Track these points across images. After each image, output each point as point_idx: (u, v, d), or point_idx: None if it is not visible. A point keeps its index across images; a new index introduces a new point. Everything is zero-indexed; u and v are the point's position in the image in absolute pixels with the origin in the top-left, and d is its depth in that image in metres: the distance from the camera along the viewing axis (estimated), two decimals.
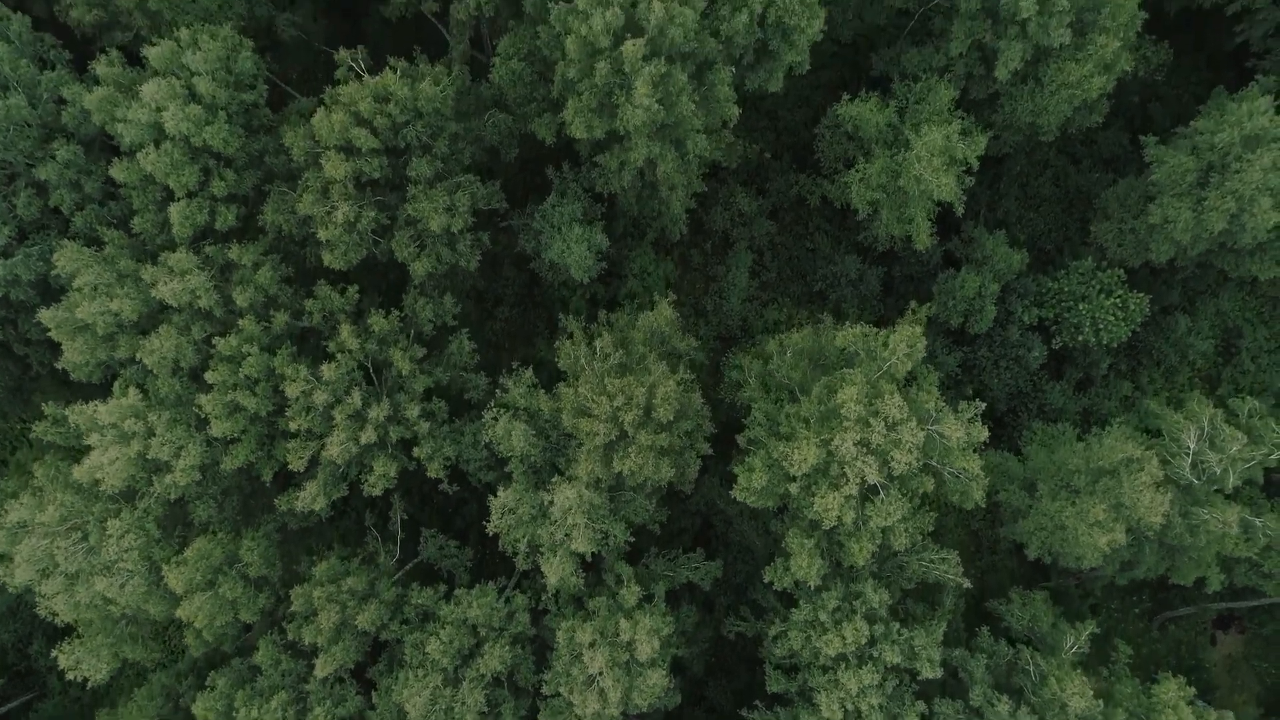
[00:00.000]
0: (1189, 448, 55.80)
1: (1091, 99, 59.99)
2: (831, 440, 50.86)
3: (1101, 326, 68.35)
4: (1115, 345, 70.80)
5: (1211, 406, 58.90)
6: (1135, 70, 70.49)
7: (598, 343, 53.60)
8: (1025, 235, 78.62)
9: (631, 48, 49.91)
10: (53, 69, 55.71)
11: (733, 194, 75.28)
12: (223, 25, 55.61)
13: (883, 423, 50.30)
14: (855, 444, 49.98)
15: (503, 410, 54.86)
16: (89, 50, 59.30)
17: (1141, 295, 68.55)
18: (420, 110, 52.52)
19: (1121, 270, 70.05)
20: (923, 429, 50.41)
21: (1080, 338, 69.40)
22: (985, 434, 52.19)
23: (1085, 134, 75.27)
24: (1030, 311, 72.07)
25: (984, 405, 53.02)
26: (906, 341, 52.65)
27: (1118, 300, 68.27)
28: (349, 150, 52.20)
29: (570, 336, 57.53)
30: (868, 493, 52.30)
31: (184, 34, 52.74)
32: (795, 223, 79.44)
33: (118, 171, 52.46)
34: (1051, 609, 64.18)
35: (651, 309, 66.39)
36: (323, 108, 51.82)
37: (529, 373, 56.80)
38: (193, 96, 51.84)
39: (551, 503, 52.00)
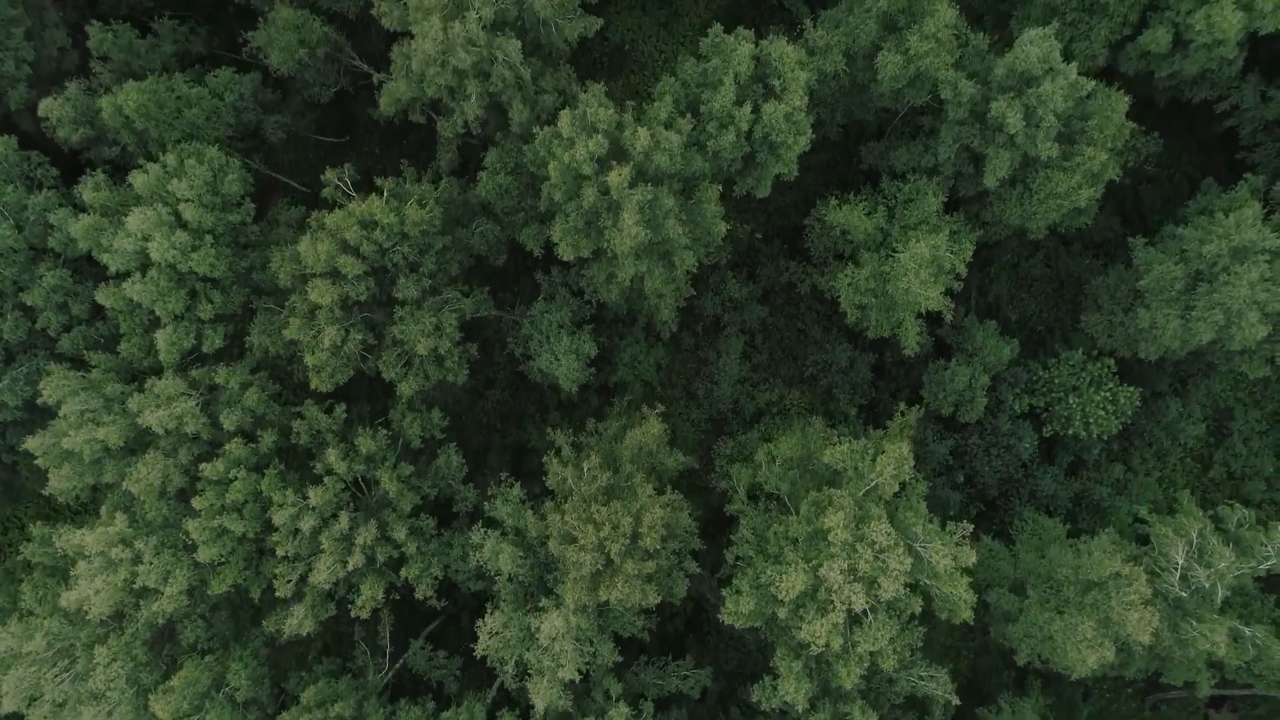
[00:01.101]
0: (1177, 563, 55.75)
1: (1080, 207, 59.93)
2: (819, 567, 50.87)
3: (1092, 420, 68.31)
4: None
5: (1201, 513, 58.91)
6: (1125, 161, 70.48)
7: (585, 464, 53.55)
8: (1017, 315, 78.63)
9: (617, 177, 49.96)
10: (40, 188, 55.70)
11: (723, 280, 75.19)
12: (209, 144, 55.59)
13: (870, 549, 50.33)
14: (843, 572, 49.96)
15: (490, 530, 54.82)
16: (77, 161, 59.33)
17: (1132, 390, 68.51)
18: (407, 233, 52.50)
19: (1112, 360, 70.07)
20: (909, 556, 50.35)
21: (1070, 430, 69.36)
22: (973, 557, 52.10)
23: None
24: (1021, 400, 72.08)
25: (970, 527, 52.94)
26: (894, 463, 52.63)
27: (1108, 394, 68.22)
28: (336, 275, 52.18)
29: (558, 452, 57.49)
30: (857, 616, 52.28)
31: (170, 158, 52.78)
32: (787, 304, 79.38)
33: (104, 297, 52.45)
34: (1042, 705, 64.21)
35: (640, 409, 66.51)
36: (309, 234, 51.77)
37: (516, 489, 56.75)
38: (179, 222, 51.82)
39: (539, 628, 51.96)
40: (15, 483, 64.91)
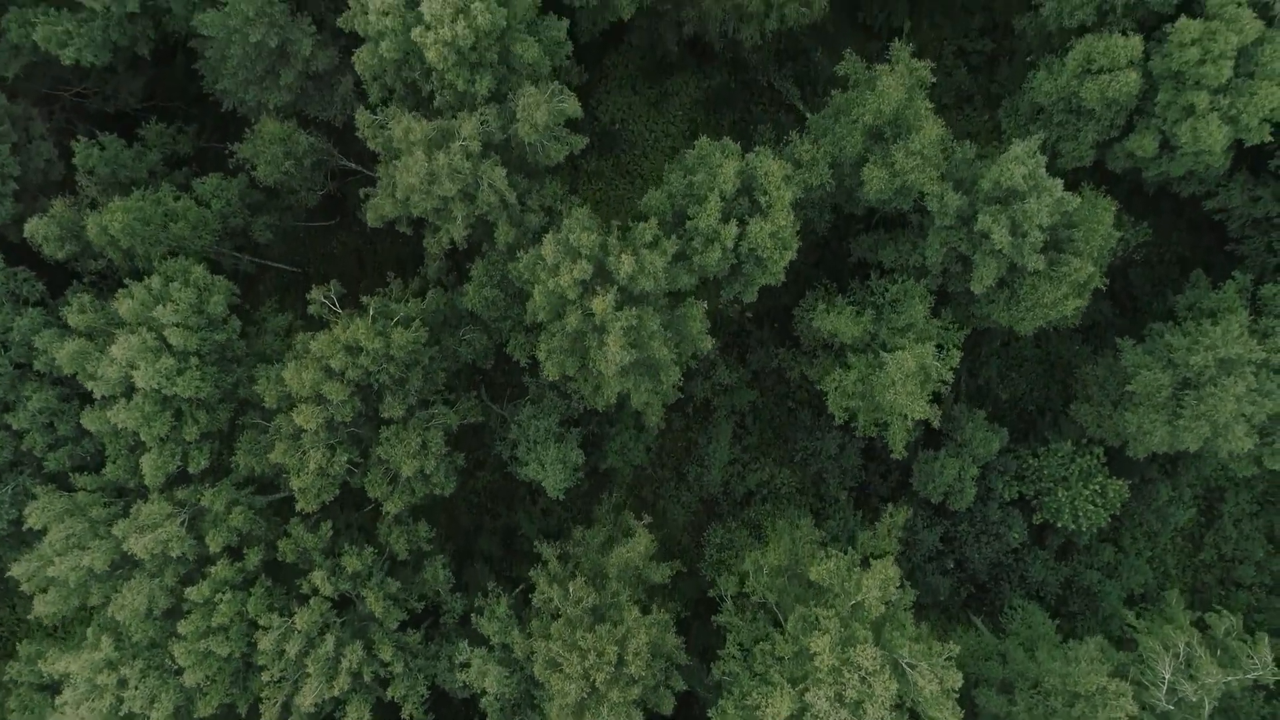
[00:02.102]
0: (1164, 677, 55.75)
1: (1067, 315, 59.95)
2: (805, 691, 50.87)
3: (1081, 514, 68.31)
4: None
5: (1188, 622, 58.93)
6: (1114, 251, 70.53)
7: (571, 585, 53.53)
8: (1008, 395, 78.65)
9: (601, 304, 49.96)
10: (27, 305, 55.71)
11: (714, 365, 75.22)
12: (195, 259, 55.62)
13: (856, 673, 50.34)
14: (829, 699, 49.97)
15: (476, 649, 54.82)
16: (64, 268, 59.32)
17: (1120, 483, 68.54)
18: (393, 355, 52.48)
19: (1101, 449, 70.10)
20: (895, 680, 50.35)
21: (1060, 523, 69.37)
22: (959, 680, 52.06)
23: None
24: (1011, 488, 72.11)
25: (958, 649, 52.92)
26: (879, 583, 52.63)
27: (1097, 487, 68.22)
28: (321, 399, 52.15)
29: (545, 566, 57.49)
30: None
31: (155, 281, 52.77)
32: (777, 384, 79.39)
33: (89, 421, 52.46)
34: None
35: (627, 507, 66.53)
36: (294, 360, 51.75)
37: (503, 604, 56.72)
38: (164, 345, 51.80)
39: None
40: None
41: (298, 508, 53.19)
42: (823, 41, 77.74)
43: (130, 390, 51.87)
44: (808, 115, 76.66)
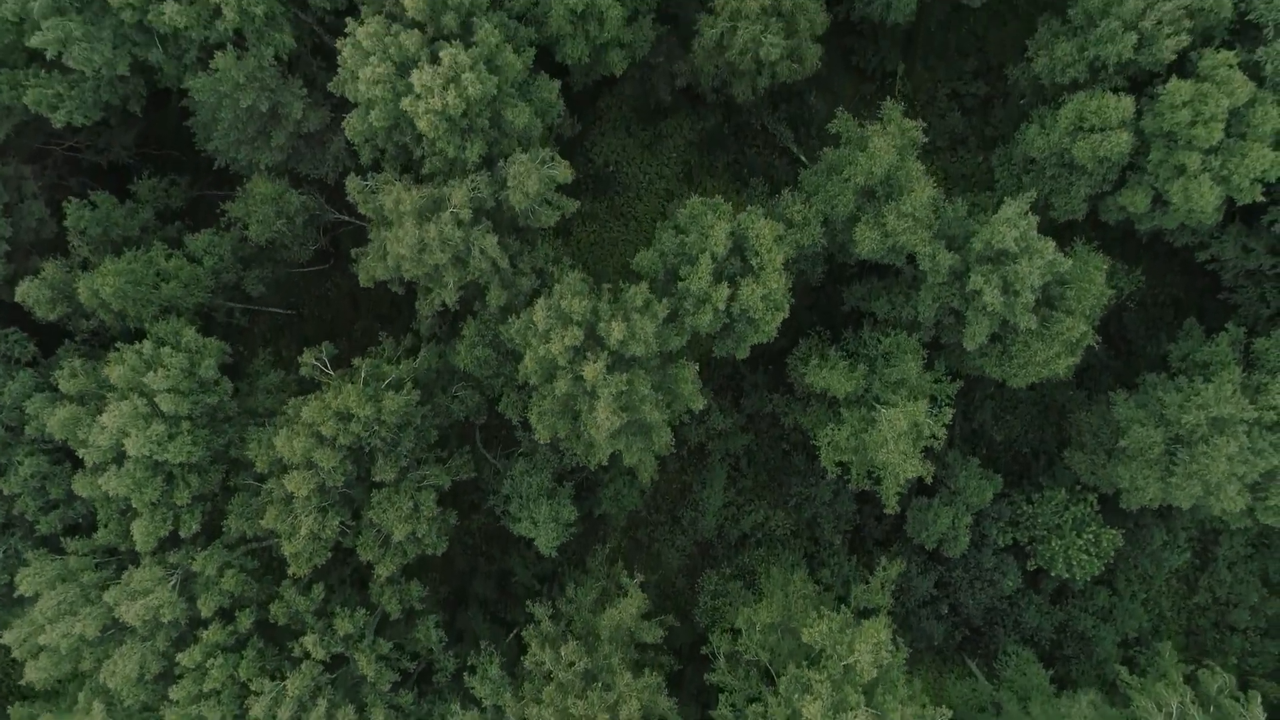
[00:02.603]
0: None
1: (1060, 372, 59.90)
2: None
3: (1075, 563, 68.30)
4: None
5: (1180, 680, 58.90)
6: (1109, 301, 70.51)
7: (563, 649, 53.51)
8: (1002, 437, 78.61)
9: (592, 370, 49.97)
10: (18, 366, 55.69)
11: (708, 409, 75.11)
12: (187, 320, 55.61)
13: None
14: None
15: (469, 711, 54.80)
16: (55, 329, 59.27)
17: (1114, 532, 68.55)
18: (384, 420, 52.46)
19: (1094, 497, 70.11)
20: None
21: (1053, 572, 69.37)
22: None
23: None
24: (1005, 534, 72.12)
25: (950, 714, 52.93)
26: (871, 647, 52.63)
27: (1090, 536, 68.21)
28: (313, 464, 52.13)
29: (537, 626, 57.48)
30: None
31: (146, 346, 52.74)
32: (772, 427, 79.33)
33: (80, 487, 52.45)
34: None
35: (620, 559, 66.49)
36: (285, 427, 51.73)
37: (495, 665, 56.69)
38: (155, 411, 51.77)
39: None
40: None
41: (290, 571, 53.12)
42: (816, 84, 77.59)
43: (121, 456, 51.82)
44: (802, 158, 77.02)
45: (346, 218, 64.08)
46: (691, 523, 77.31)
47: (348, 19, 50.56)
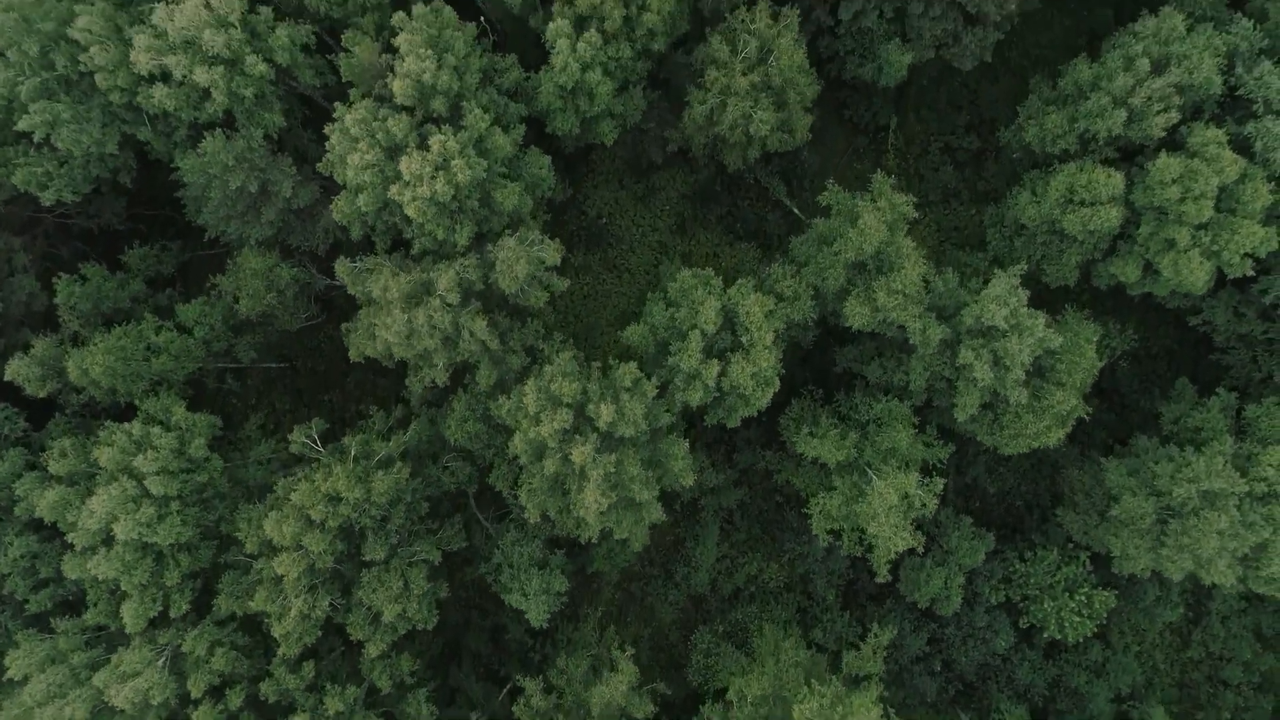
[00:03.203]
0: None
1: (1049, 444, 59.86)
2: None
3: (1067, 624, 68.24)
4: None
5: None
6: (1100, 356, 70.50)
7: None
8: (995, 489, 78.49)
9: (580, 453, 49.95)
10: (7, 442, 55.67)
11: (701, 467, 75.03)
12: (176, 399, 55.58)
13: None
14: None
15: None
16: (46, 401, 59.24)
17: (1107, 594, 68.47)
18: (374, 501, 52.44)
19: (1087, 556, 70.07)
20: None
21: (1046, 633, 69.32)
22: None
23: None
24: (998, 592, 72.04)
25: None
26: None
27: (1083, 597, 68.18)
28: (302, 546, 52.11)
29: (527, 701, 57.45)
30: None
31: (135, 428, 52.71)
32: (764, 479, 79.27)
33: (69, 568, 52.45)
34: None
35: (612, 627, 66.44)
36: (275, 510, 51.70)
37: None
38: (145, 492, 51.74)
39: None
40: None
41: (280, 652, 53.07)
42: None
43: (110, 538, 51.78)
44: (795, 210, 77.01)
45: (339, 281, 64.07)
46: (685, 578, 77.20)
47: (336, 103, 50.54)
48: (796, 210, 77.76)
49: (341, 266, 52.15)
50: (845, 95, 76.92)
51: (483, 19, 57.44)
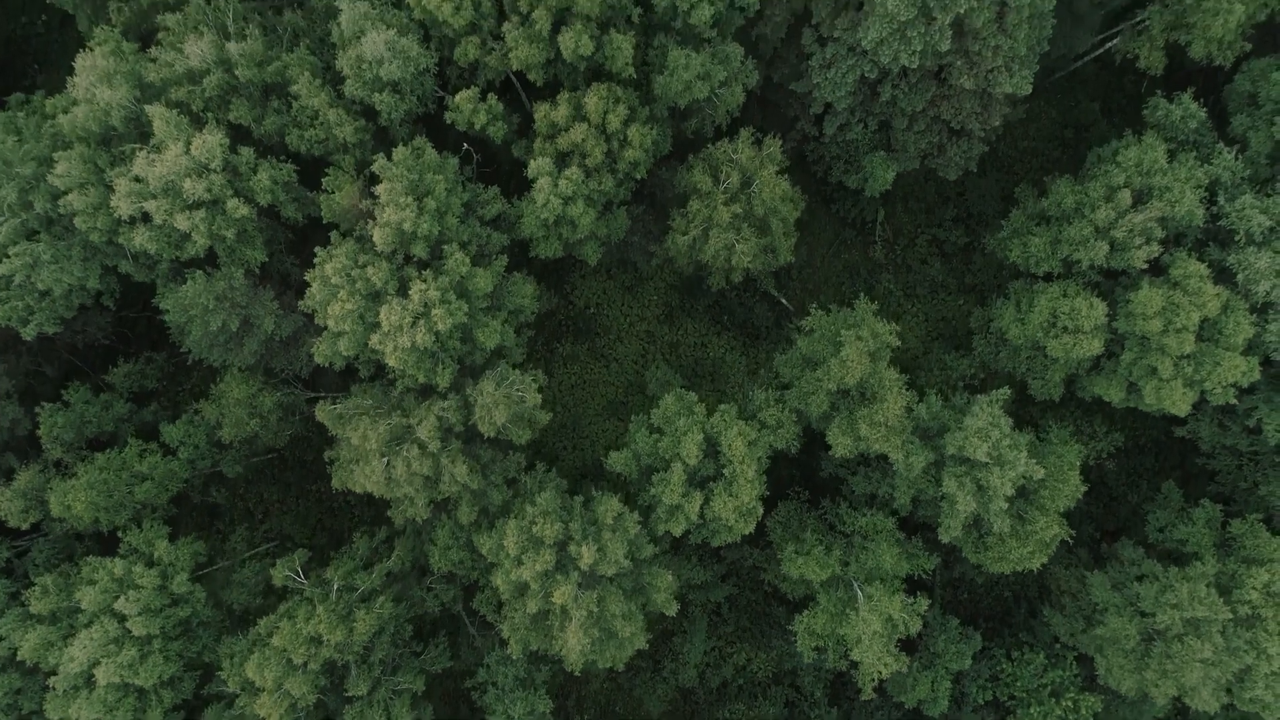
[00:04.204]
0: None
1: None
2: None
3: None
4: None
5: None
6: (1086, 459, 70.62)
7: None
8: (984, 580, 78.43)
9: (562, 595, 49.95)
10: None
11: (688, 563, 75.01)
12: (159, 531, 55.56)
13: None
14: None
15: None
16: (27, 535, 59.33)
17: (1093, 697, 68.35)
18: (356, 639, 52.40)
19: (1074, 657, 70.01)
20: None
21: None
22: None
23: None
24: (985, 691, 71.97)
25: None
26: None
27: (1069, 703, 68.11)
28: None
29: None
30: None
31: (118, 565, 52.69)
32: (753, 570, 79.21)
33: (52, 709, 52.36)
34: None
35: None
36: (258, 652, 51.67)
37: None
38: (127, 632, 51.71)
39: None
40: None
41: None
42: (797, 227, 77.74)
43: (93, 679, 51.73)
44: (782, 300, 76.94)
45: (323, 395, 64.09)
46: (673, 671, 77.17)
47: (317, 249, 50.53)
48: (784, 300, 77.77)
49: (322, 411, 52.16)
50: (832, 190, 76.96)
51: (466, 144, 57.49)
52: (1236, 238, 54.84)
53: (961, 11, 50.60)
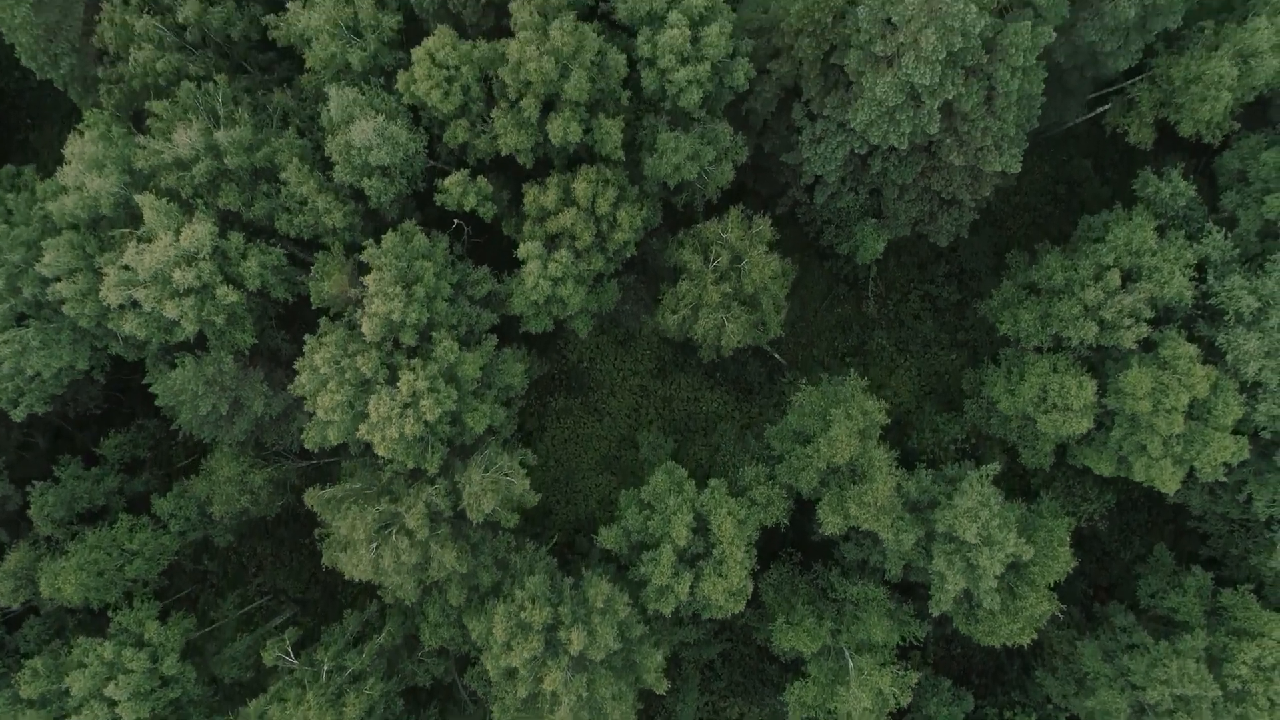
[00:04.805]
0: None
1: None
2: None
3: None
4: None
5: None
6: (1078, 521, 70.71)
7: None
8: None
9: (551, 681, 50.00)
10: None
11: (680, 627, 74.99)
12: (150, 611, 55.62)
13: None
14: None
15: None
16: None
17: None
18: (348, 715, 52.44)
19: (1065, 717, 70.08)
20: None
21: None
22: None
23: None
24: None
25: None
26: None
27: None
28: None
29: None
30: None
31: (108, 648, 52.73)
32: (746, 627, 79.22)
33: None
34: None
35: None
36: None
37: None
38: (116, 717, 51.76)
39: None
40: None
41: None
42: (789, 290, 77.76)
43: None
44: (775, 355, 76.92)
45: (315, 460, 64.12)
46: None
47: (306, 337, 50.56)
48: (777, 355, 77.78)
49: (311, 497, 52.21)
50: (825, 247, 76.96)
51: (456, 220, 57.50)
52: (1226, 317, 54.84)
53: (950, 97, 50.64)
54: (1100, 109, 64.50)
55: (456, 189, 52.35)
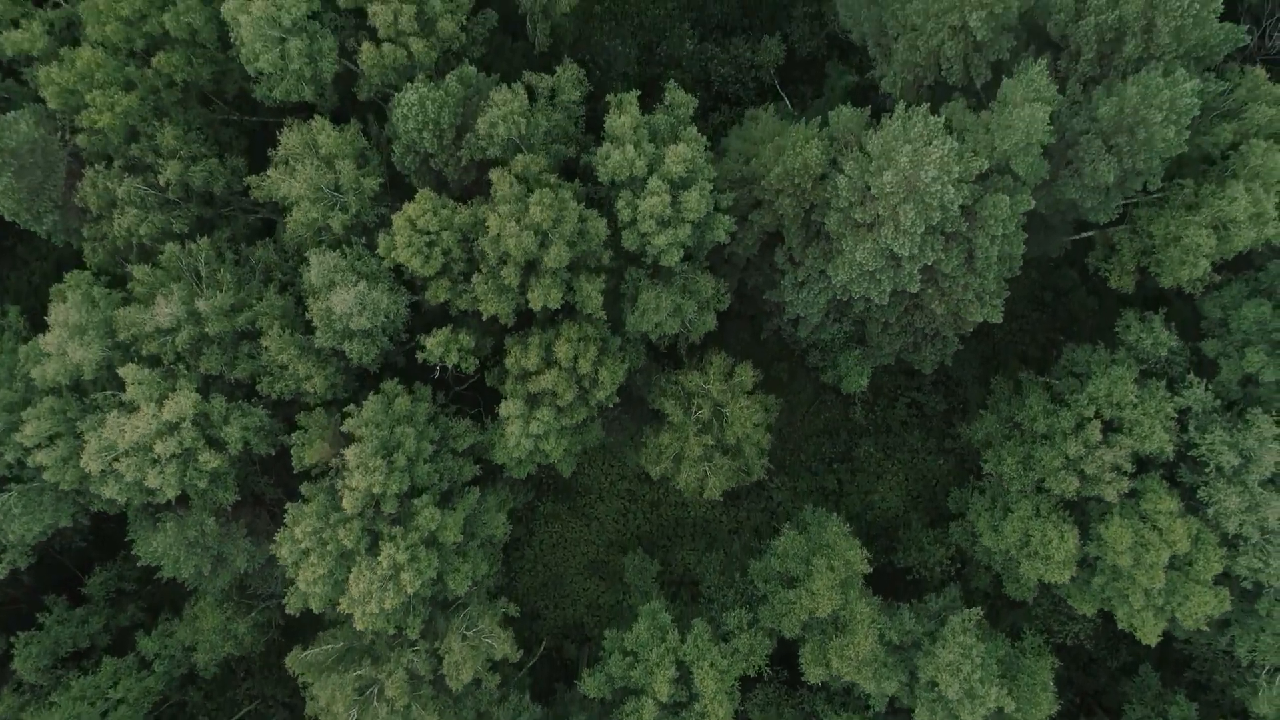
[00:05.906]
0: None
1: None
2: None
3: None
4: None
5: None
6: (1063, 640, 70.91)
7: None
8: None
9: None
10: None
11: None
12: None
13: None
14: None
15: None
16: None
17: None
18: None
19: None
20: None
21: None
22: None
23: None
24: None
25: None
26: None
27: None
28: None
29: None
30: None
31: None
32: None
33: None
34: None
35: None
36: None
37: None
38: None
39: None
40: None
41: None
42: (775, 388, 77.93)
43: None
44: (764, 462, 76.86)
45: None
46: None
47: (288, 505, 50.68)
48: (765, 462, 77.77)
49: (293, 660, 52.30)
50: (812, 353, 77.13)
51: (440, 367, 57.58)
52: (1207, 470, 54.92)
53: (930, 262, 50.78)
54: (1084, 233, 64.63)
55: (438, 348, 52.47)
